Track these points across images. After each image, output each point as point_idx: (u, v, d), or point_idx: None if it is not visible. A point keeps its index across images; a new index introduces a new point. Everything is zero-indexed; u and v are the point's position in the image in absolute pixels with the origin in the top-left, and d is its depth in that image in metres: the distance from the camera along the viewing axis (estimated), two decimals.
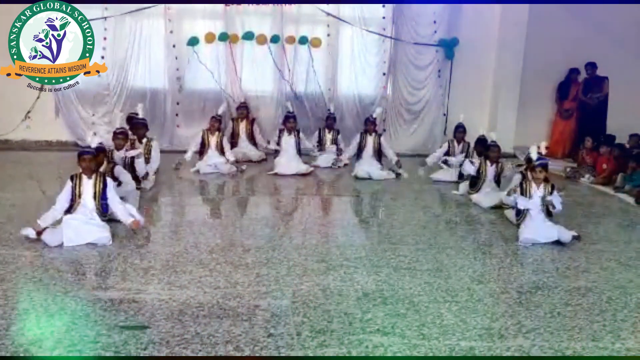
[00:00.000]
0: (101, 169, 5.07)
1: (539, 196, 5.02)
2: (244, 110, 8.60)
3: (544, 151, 5.27)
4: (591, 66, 9.32)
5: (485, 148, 6.62)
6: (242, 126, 8.51)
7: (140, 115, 6.88)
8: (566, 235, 4.92)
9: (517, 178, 5.88)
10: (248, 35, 8.92)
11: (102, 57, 8.43)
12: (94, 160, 4.63)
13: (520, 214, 5.13)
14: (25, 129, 8.79)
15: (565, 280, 4.15)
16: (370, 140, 7.63)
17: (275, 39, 8.96)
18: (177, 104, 9.04)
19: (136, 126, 6.74)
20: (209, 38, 8.86)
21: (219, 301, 3.55)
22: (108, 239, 4.51)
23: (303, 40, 9.04)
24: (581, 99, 9.45)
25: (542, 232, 4.91)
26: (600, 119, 9.29)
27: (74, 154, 5.06)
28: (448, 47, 9.29)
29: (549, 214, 5.09)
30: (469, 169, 6.47)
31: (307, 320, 3.34)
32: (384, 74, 9.36)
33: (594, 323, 3.47)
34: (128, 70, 8.87)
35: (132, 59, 8.85)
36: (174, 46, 8.84)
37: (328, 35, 9.12)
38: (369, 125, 7.69)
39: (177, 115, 9.07)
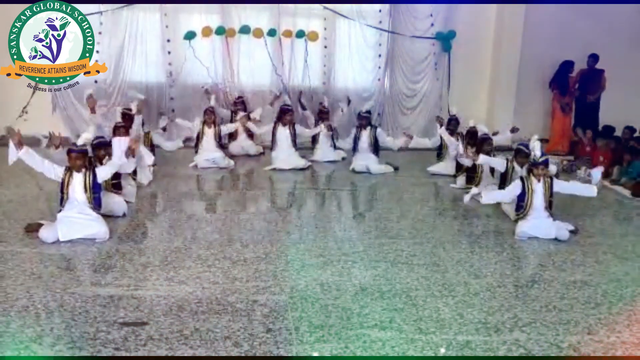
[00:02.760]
0: (104, 163, 5.08)
1: (540, 191, 4.95)
2: (240, 105, 8.57)
3: (538, 152, 5.00)
4: (593, 58, 9.18)
5: (479, 141, 6.54)
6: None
7: (134, 111, 6.84)
8: (564, 233, 4.92)
9: (502, 163, 5.81)
10: (245, 29, 8.88)
11: (97, 52, 8.33)
12: (82, 158, 4.61)
13: (521, 209, 5.02)
14: (22, 122, 8.73)
15: (561, 274, 4.18)
16: (364, 134, 7.59)
17: (272, 33, 8.93)
18: (172, 98, 9.00)
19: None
20: (206, 32, 8.82)
21: (217, 297, 3.57)
22: (105, 233, 4.52)
23: (300, 34, 9.01)
24: (580, 93, 9.35)
25: (540, 228, 4.91)
26: (594, 112, 9.26)
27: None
28: (445, 39, 9.27)
29: (549, 207, 5.03)
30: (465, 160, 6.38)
31: (305, 315, 3.37)
32: (379, 67, 9.34)
33: (590, 316, 3.50)
34: (124, 65, 8.82)
35: (128, 53, 8.79)
36: (168, 40, 8.79)
37: (325, 28, 9.08)
38: (361, 120, 7.68)
39: (173, 111, 9.03)
